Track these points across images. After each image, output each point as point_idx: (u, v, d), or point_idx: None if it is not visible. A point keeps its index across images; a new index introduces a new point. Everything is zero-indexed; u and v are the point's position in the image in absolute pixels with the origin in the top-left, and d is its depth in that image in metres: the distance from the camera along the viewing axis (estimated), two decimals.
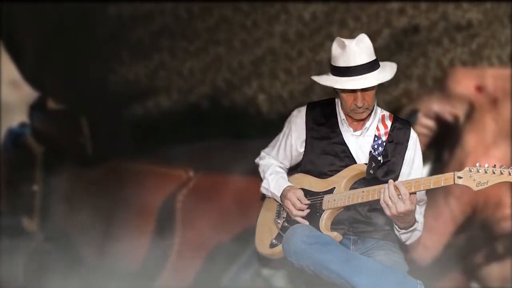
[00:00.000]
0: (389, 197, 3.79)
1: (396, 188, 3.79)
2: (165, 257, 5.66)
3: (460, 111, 5.46)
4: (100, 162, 5.85)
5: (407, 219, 3.86)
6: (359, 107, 3.93)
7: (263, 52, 5.86)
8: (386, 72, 3.96)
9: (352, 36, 5.90)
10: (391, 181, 3.82)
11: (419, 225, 3.98)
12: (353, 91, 3.91)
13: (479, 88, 5.44)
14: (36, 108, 5.83)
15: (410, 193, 3.81)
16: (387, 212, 3.82)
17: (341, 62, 3.92)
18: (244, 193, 5.65)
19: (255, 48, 5.85)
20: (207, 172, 5.77)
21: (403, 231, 3.95)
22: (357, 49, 3.91)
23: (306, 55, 5.88)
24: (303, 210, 4.04)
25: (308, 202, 4.03)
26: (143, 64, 5.88)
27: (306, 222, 4.02)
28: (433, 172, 5.36)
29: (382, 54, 5.70)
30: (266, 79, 5.84)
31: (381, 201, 3.81)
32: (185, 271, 5.64)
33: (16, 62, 5.92)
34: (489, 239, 5.42)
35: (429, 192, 4.15)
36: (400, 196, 3.78)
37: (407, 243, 4.03)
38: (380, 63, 4.02)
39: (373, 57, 3.96)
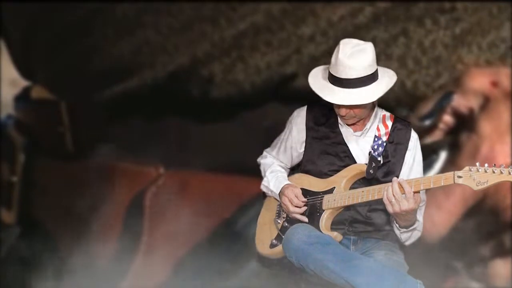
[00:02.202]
0: (393, 194, 3.80)
1: (400, 186, 3.80)
2: (132, 255, 5.67)
3: (475, 104, 5.53)
4: (78, 155, 5.82)
5: (409, 217, 3.94)
6: (342, 116, 3.96)
7: (246, 26, 5.84)
8: (380, 87, 3.95)
9: (334, 12, 5.92)
10: (395, 178, 3.88)
11: (419, 225, 4.05)
12: None
13: (494, 84, 5.53)
14: (20, 99, 5.78)
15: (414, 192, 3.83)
16: (390, 209, 3.88)
17: (333, 71, 3.97)
18: (214, 190, 5.69)
19: (239, 23, 5.83)
20: (177, 169, 5.79)
21: (404, 229, 4.03)
22: (349, 62, 3.92)
23: (287, 29, 5.87)
24: (300, 208, 4.03)
25: (305, 200, 4.07)
26: (127, 40, 5.83)
27: (305, 219, 4.04)
28: (449, 158, 5.45)
29: (362, 32, 5.76)
30: (246, 51, 5.82)
31: (385, 198, 3.88)
32: (153, 269, 5.67)
33: (8, 49, 5.84)
34: (497, 230, 5.49)
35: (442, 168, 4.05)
36: (404, 195, 3.79)
37: (407, 243, 4.11)
38: (379, 72, 3.99)
39: (368, 72, 3.93)
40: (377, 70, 3.97)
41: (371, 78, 3.94)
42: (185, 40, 5.87)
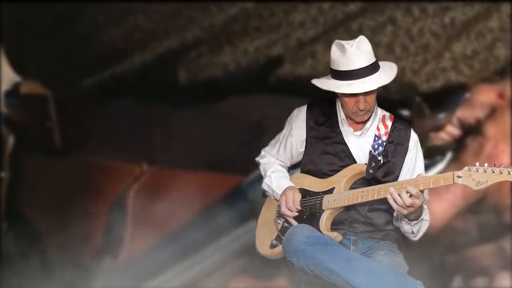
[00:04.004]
0: (406, 202, 3.85)
1: (407, 191, 3.85)
2: (116, 253, 5.68)
3: (481, 114, 5.58)
4: (66, 151, 5.81)
5: (417, 210, 3.97)
6: (361, 110, 3.95)
7: (236, 12, 5.85)
8: (387, 73, 4.06)
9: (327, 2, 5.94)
10: (400, 187, 3.86)
11: (426, 214, 4.08)
12: (355, 94, 3.95)
13: (501, 95, 5.57)
14: (10, 95, 5.76)
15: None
16: (405, 212, 3.91)
17: (341, 66, 4.01)
18: (197, 187, 5.72)
19: (229, 9, 5.84)
20: (160, 166, 5.83)
21: (414, 222, 4.04)
22: (357, 52, 3.99)
23: (278, 16, 5.87)
24: (291, 211, 4.07)
25: (299, 208, 4.12)
26: (117, 26, 5.81)
27: (295, 223, 4.09)
28: (454, 159, 5.49)
29: (351, 21, 5.76)
30: (237, 35, 5.83)
31: (398, 208, 3.89)
32: (136, 266, 5.68)
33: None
34: (499, 232, 5.53)
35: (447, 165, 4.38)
36: (413, 197, 3.85)
37: (417, 237, 4.12)
38: (380, 63, 4.08)
39: (373, 59, 4.05)
40: None
41: (377, 63, 4.03)
42: (175, 25, 5.87)
